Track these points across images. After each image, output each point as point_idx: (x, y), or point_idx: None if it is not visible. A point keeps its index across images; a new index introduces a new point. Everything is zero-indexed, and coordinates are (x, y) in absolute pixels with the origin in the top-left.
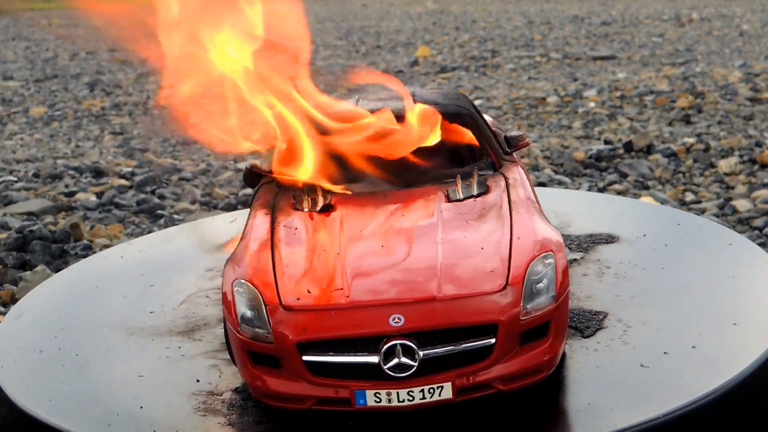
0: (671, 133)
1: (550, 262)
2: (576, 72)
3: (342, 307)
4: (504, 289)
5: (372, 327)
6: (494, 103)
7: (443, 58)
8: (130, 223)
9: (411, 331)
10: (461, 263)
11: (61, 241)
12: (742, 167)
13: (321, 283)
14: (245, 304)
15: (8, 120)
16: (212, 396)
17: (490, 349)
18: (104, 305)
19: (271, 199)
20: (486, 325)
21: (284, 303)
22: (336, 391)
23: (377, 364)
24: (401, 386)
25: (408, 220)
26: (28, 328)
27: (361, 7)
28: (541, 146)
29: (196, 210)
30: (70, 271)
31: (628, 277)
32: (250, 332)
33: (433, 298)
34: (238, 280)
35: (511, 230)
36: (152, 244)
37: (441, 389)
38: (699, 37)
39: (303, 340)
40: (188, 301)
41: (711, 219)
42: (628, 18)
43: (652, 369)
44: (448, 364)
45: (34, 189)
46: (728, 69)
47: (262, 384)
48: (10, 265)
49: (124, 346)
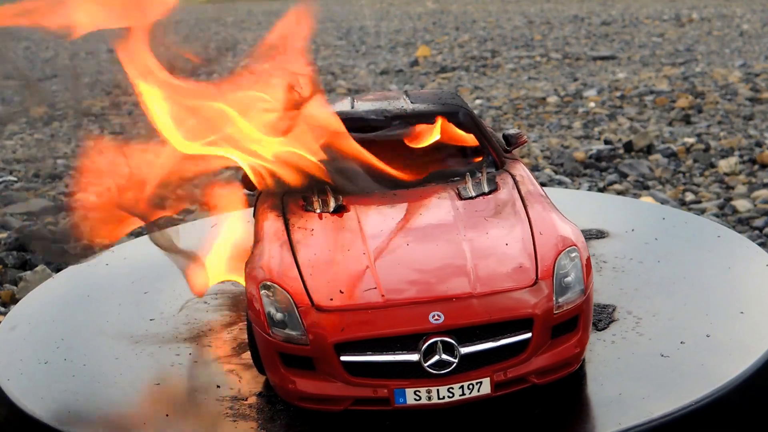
0: (671, 133)
1: (575, 255)
2: (576, 72)
3: (378, 306)
4: (535, 284)
5: (412, 325)
6: (494, 103)
7: (443, 58)
8: None
9: (451, 328)
10: (489, 260)
11: (61, 241)
12: (742, 167)
13: (351, 282)
14: (274, 306)
15: (8, 120)
16: (237, 401)
17: (526, 344)
18: (100, 314)
19: (278, 201)
20: (521, 320)
21: (316, 304)
22: (374, 391)
23: (417, 362)
24: (441, 383)
25: (426, 219)
26: (27, 339)
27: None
28: (541, 146)
29: (196, 210)
30: (56, 281)
31: (627, 271)
32: (283, 334)
33: (470, 294)
34: (264, 283)
35: (530, 226)
36: (135, 250)
37: (480, 385)
38: (699, 37)
39: (341, 340)
40: (187, 308)
41: (711, 219)
42: (628, 18)
43: (673, 358)
44: (486, 360)
45: (34, 189)
46: (728, 69)
47: (295, 387)
48: (10, 265)
49: (132, 355)
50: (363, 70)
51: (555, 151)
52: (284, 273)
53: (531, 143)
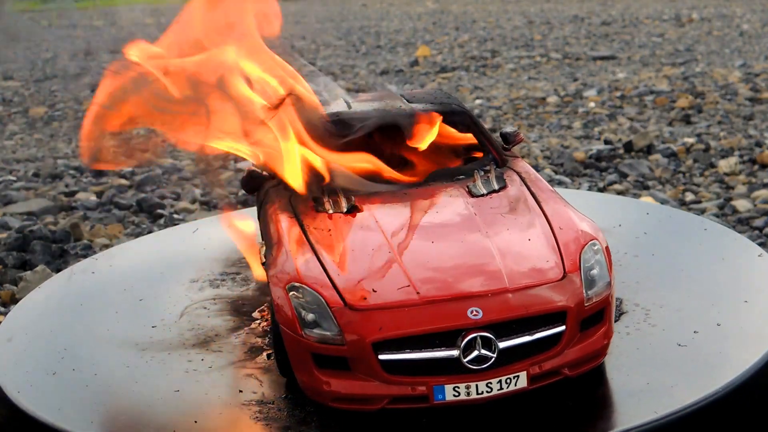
0: (671, 133)
1: (598, 248)
2: (576, 72)
3: (415, 304)
4: (564, 278)
5: (451, 321)
6: (494, 103)
7: (443, 58)
8: (130, 223)
9: (489, 323)
10: (516, 255)
11: (61, 240)
12: (742, 167)
13: (382, 281)
14: (305, 308)
15: (8, 120)
16: (264, 405)
17: (560, 337)
18: (99, 323)
19: (286, 203)
20: (555, 313)
21: (349, 303)
22: (413, 389)
23: (457, 358)
24: (480, 378)
25: (444, 216)
26: (27, 350)
27: (361, 7)
28: (541, 146)
29: (196, 210)
30: (42, 290)
31: (625, 265)
32: (316, 335)
33: (504, 289)
34: (292, 284)
35: (548, 221)
36: (119, 258)
37: (517, 379)
38: (699, 37)
39: (379, 339)
40: (187, 314)
41: (711, 219)
42: (628, 18)
43: (690, 347)
44: (522, 354)
45: (34, 189)
46: (728, 69)
47: (330, 388)
48: (10, 265)
49: (142, 363)
50: (363, 70)
51: (555, 151)
52: (311, 274)
53: (531, 143)
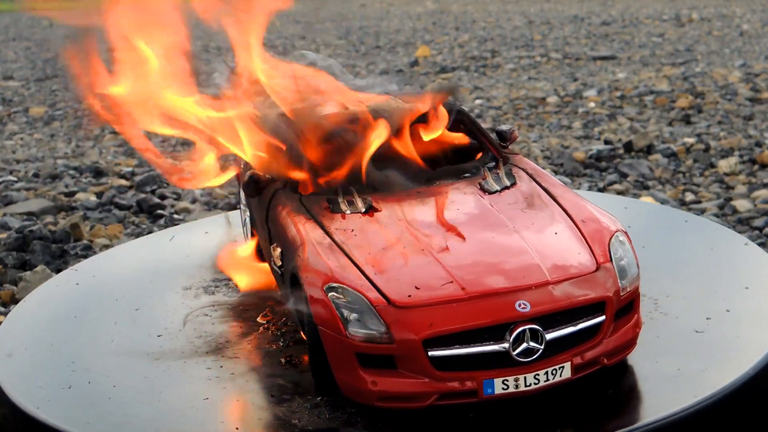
0: (671, 133)
1: (624, 240)
2: (576, 72)
3: (462, 299)
4: (598, 269)
5: (500, 315)
6: (494, 103)
7: (443, 58)
8: (130, 223)
9: (537, 316)
10: (548, 249)
11: (61, 241)
12: (742, 167)
13: (423, 278)
14: (347, 307)
15: (8, 120)
16: (302, 408)
17: (599, 326)
18: (100, 334)
19: (298, 205)
20: (595, 303)
21: (394, 301)
22: (462, 384)
23: (506, 351)
24: (528, 371)
25: (465, 213)
26: (34, 365)
27: (361, 7)
28: (541, 146)
29: (195, 210)
30: (29, 304)
31: None
32: (362, 335)
33: (546, 282)
34: (329, 284)
35: (569, 215)
36: (100, 268)
37: (562, 369)
38: (699, 37)
39: (429, 335)
40: (190, 321)
41: (711, 219)
42: (628, 18)
43: (708, 333)
44: (566, 345)
45: (34, 189)
46: (728, 69)
47: (376, 387)
48: (10, 265)
49: (159, 372)
50: (363, 70)
51: (555, 151)
52: (348, 274)
53: (531, 143)
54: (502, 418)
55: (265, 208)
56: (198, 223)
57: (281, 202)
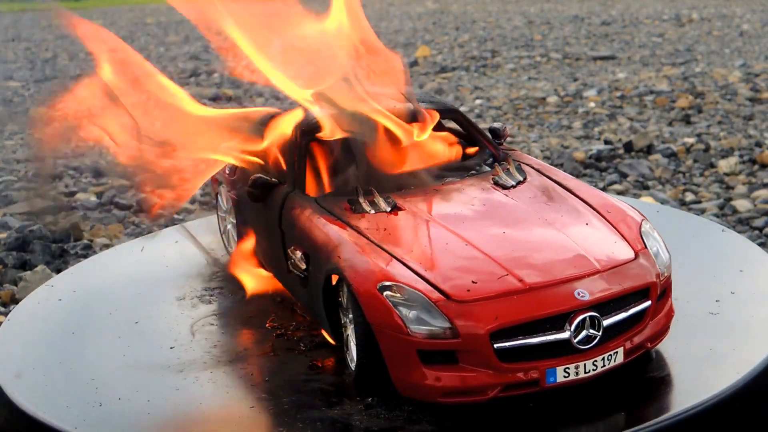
0: (671, 133)
1: (651, 227)
2: (576, 72)
3: (522, 291)
4: (637, 256)
5: (562, 305)
6: (494, 103)
7: (443, 58)
8: (129, 223)
9: (595, 303)
10: (585, 239)
11: (61, 241)
12: (742, 167)
13: (476, 272)
14: (404, 305)
15: (8, 120)
16: (358, 410)
17: (645, 311)
18: (108, 349)
19: (317, 207)
20: (641, 289)
21: (453, 296)
22: (525, 374)
23: (567, 340)
24: (587, 358)
25: (492, 207)
26: (51, 386)
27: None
28: (541, 146)
29: (195, 210)
30: (15, 322)
31: None
32: (425, 331)
33: (597, 270)
34: (382, 284)
35: (590, 206)
36: (78, 282)
37: (616, 355)
38: (699, 37)
39: (496, 328)
40: (198, 332)
41: (711, 219)
42: (628, 18)
43: (723, 314)
44: (618, 331)
45: (34, 189)
46: (728, 69)
47: (441, 383)
48: (10, 265)
49: (189, 384)
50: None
51: (555, 151)
52: (398, 271)
53: (531, 143)
54: (558, 405)
55: (277, 211)
56: (163, 233)
57: (297, 205)
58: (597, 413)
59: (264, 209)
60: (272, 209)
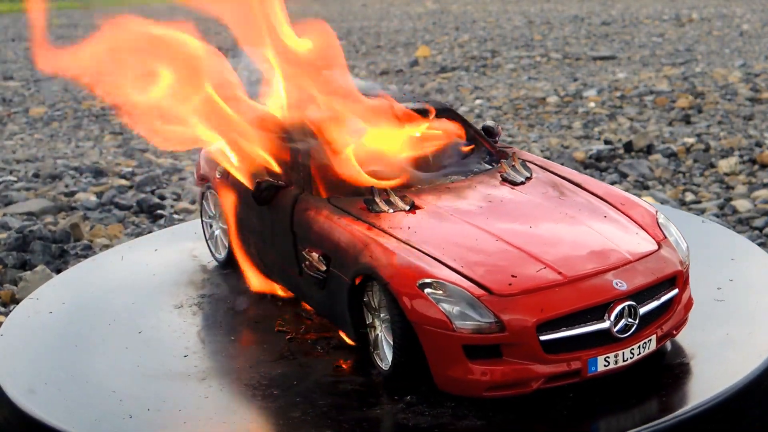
0: (671, 133)
1: (665, 217)
2: (576, 72)
3: (563, 283)
4: (661, 246)
5: (602, 295)
6: (494, 103)
7: (443, 58)
8: (130, 223)
9: (632, 292)
10: (609, 231)
11: (61, 241)
12: (742, 167)
13: (514, 266)
14: (447, 302)
15: (8, 120)
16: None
17: (673, 299)
18: (119, 360)
19: (333, 207)
20: (671, 278)
21: (495, 291)
22: (568, 365)
23: (607, 329)
24: (625, 346)
25: (512, 203)
26: (72, 401)
27: (361, 7)
28: (541, 146)
29: (196, 210)
30: (7, 337)
31: None
32: (470, 327)
33: (628, 260)
34: (423, 281)
35: (602, 199)
36: (63, 295)
37: (649, 342)
38: (699, 37)
39: (542, 320)
40: (207, 339)
41: (711, 219)
42: (628, 18)
43: (729, 301)
44: (651, 319)
45: (34, 189)
46: (728, 69)
47: (487, 377)
48: (10, 265)
49: (217, 392)
50: (363, 71)
51: (555, 151)
52: (436, 269)
53: (531, 143)
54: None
55: (288, 213)
56: (138, 241)
57: (311, 206)
58: (638, 400)
59: (268, 212)
60: (281, 212)
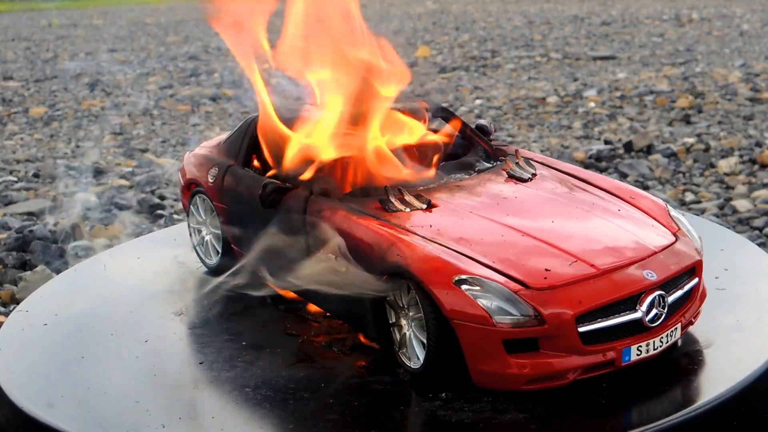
0: (671, 133)
1: (676, 209)
2: (576, 72)
3: (597, 275)
4: (677, 238)
5: (634, 286)
6: (494, 103)
7: (443, 58)
8: (130, 223)
9: (662, 282)
10: (628, 224)
11: (61, 241)
12: (742, 167)
13: (545, 261)
14: (484, 297)
15: (8, 120)
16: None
17: (694, 288)
18: (133, 370)
19: (348, 208)
20: (692, 268)
21: (530, 285)
22: (604, 355)
23: (639, 319)
24: (656, 335)
25: (527, 199)
26: (95, 412)
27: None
28: (541, 146)
29: None
30: (6, 351)
31: None
32: (510, 321)
33: (653, 252)
34: (459, 277)
35: (612, 194)
36: (53, 305)
37: (675, 330)
38: (699, 37)
39: (581, 312)
40: (219, 345)
41: (711, 219)
42: (628, 18)
43: (731, 289)
44: (676, 307)
45: (34, 189)
46: (728, 69)
47: (526, 371)
48: (10, 265)
49: (249, 398)
50: None
51: (555, 151)
52: (469, 265)
53: (531, 143)
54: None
55: (299, 215)
56: (120, 248)
57: (325, 207)
58: (672, 386)
59: (276, 214)
60: (290, 213)
